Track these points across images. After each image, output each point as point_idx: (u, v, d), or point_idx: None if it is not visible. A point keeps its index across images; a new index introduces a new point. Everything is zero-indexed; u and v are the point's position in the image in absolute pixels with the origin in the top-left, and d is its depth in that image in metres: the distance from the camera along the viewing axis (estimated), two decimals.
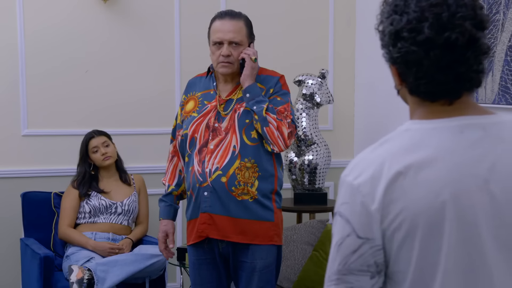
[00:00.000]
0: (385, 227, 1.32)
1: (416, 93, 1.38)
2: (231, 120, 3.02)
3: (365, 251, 1.33)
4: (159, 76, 4.62)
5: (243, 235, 3.00)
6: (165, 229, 3.20)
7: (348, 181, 1.36)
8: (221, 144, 3.00)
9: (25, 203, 4.21)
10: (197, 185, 3.00)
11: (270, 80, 3.09)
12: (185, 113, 3.13)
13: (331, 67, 4.87)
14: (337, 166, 4.91)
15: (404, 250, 1.32)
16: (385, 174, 1.32)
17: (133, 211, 4.20)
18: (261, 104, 2.98)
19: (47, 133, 4.45)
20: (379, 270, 1.34)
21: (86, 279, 3.71)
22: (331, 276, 1.37)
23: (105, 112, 4.52)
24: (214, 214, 2.99)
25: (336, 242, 1.36)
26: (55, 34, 4.42)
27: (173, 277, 4.61)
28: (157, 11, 4.59)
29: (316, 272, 3.66)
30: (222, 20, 3.04)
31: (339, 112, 4.93)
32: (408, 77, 1.37)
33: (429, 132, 1.35)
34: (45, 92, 4.42)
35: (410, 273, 1.33)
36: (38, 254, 3.83)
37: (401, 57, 1.35)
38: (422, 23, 1.31)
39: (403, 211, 1.31)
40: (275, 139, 2.98)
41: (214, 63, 3.07)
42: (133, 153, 4.52)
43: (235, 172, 2.97)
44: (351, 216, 1.34)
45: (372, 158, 1.36)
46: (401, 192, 1.31)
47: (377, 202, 1.31)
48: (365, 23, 4.81)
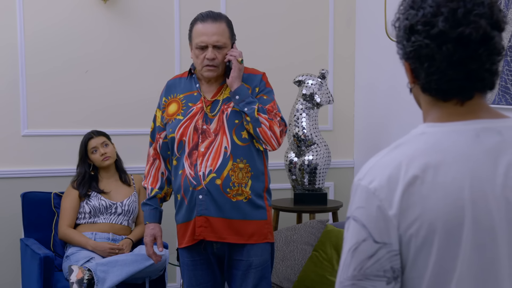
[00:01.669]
0: (402, 233, 1.30)
1: (428, 90, 1.37)
2: (219, 121, 3.01)
3: (382, 256, 1.31)
4: (159, 76, 4.61)
5: (239, 235, 3.01)
6: (153, 232, 3.18)
7: (363, 185, 1.34)
8: (211, 146, 2.99)
9: (25, 203, 4.21)
10: (191, 188, 2.99)
11: (253, 78, 3.08)
12: (168, 116, 3.10)
13: (331, 67, 4.87)
14: (337, 166, 4.92)
15: (421, 256, 1.30)
16: (402, 178, 1.30)
17: (133, 212, 4.20)
18: (252, 105, 2.97)
19: (47, 133, 4.45)
20: (396, 275, 1.32)
21: (86, 279, 3.71)
22: (344, 282, 1.33)
23: (105, 112, 4.52)
24: (210, 217, 2.98)
25: (351, 247, 1.33)
26: (55, 34, 4.42)
27: (173, 277, 4.61)
28: (157, 11, 4.59)
29: (316, 272, 3.66)
30: (205, 23, 3.00)
31: (339, 112, 4.93)
32: (420, 73, 1.36)
33: (444, 136, 1.34)
34: (45, 92, 4.42)
35: (426, 280, 1.31)
36: (38, 254, 3.82)
37: (414, 51, 1.35)
38: (437, 17, 1.32)
39: (421, 216, 1.29)
40: (268, 139, 2.99)
41: (198, 66, 3.05)
42: (133, 153, 4.52)
43: (229, 174, 2.97)
44: (367, 220, 1.31)
45: (388, 161, 1.34)
46: (418, 197, 1.29)
47: (394, 208, 1.30)
48: (365, 23, 4.81)
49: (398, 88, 4.44)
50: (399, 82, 4.42)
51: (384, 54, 4.56)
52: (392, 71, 4.49)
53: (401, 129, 4.41)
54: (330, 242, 3.73)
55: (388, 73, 4.55)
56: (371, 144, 4.79)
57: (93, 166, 4.18)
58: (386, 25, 4.17)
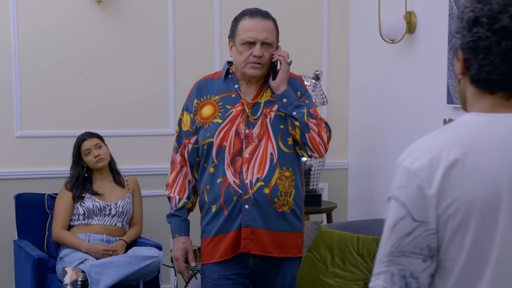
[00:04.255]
0: (440, 213, 1.35)
1: (477, 82, 1.42)
2: (263, 126, 2.80)
3: (419, 234, 1.35)
4: (153, 78, 4.62)
5: (280, 248, 2.83)
6: (185, 246, 2.90)
7: (404, 166, 1.38)
8: (256, 152, 2.78)
9: (19, 205, 4.20)
10: (235, 198, 2.76)
11: (293, 82, 2.88)
12: (202, 119, 2.84)
13: (325, 70, 4.88)
14: (331, 168, 4.93)
15: (457, 237, 1.35)
16: (444, 161, 1.35)
17: (127, 213, 4.20)
18: (300, 109, 2.78)
19: (41, 135, 4.44)
20: (432, 254, 1.36)
21: (80, 281, 3.71)
22: (382, 258, 1.38)
23: (99, 113, 4.52)
24: (256, 228, 2.77)
25: (389, 224, 1.38)
26: (48, 35, 4.41)
27: (167, 278, 4.61)
28: (151, 12, 4.59)
29: (310, 273, 3.66)
30: (254, 19, 2.81)
31: (333, 114, 4.94)
32: (473, 64, 1.41)
33: (487, 125, 1.39)
34: (38, 94, 4.41)
35: (460, 261, 1.35)
36: (32, 256, 3.81)
37: (473, 41, 1.40)
38: (502, 14, 1.38)
39: (459, 198, 1.34)
40: (317, 145, 2.81)
41: (241, 63, 2.80)
42: (127, 154, 4.52)
43: (277, 182, 2.78)
44: (407, 199, 1.36)
45: (430, 145, 1.39)
46: (458, 179, 1.34)
47: (434, 187, 1.34)
48: (359, 27, 4.82)
49: (392, 90, 4.45)
50: (393, 84, 4.45)
51: (377, 56, 4.57)
52: (386, 73, 4.50)
53: (394, 130, 4.42)
54: (324, 244, 3.73)
55: (381, 75, 4.56)
56: (365, 145, 4.80)
57: (87, 167, 4.18)
58: (380, 28, 4.18)
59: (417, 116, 4.15)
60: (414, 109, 4.18)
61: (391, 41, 4.20)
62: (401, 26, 4.10)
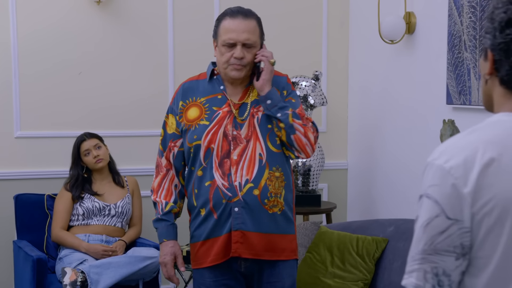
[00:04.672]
0: (475, 211, 1.34)
1: (507, 83, 1.42)
2: (251, 126, 2.75)
3: (453, 232, 1.35)
4: (153, 78, 4.62)
5: (272, 251, 2.78)
6: (173, 250, 2.84)
7: (437, 164, 1.38)
8: (244, 153, 2.73)
9: (18, 205, 4.20)
10: (224, 201, 2.71)
11: (279, 80, 2.83)
12: (188, 121, 2.80)
13: (325, 70, 4.88)
14: (331, 168, 4.93)
15: (491, 235, 1.34)
16: (479, 159, 1.35)
17: (127, 213, 4.20)
18: (285, 110, 2.73)
19: (40, 135, 4.44)
20: (465, 252, 1.36)
21: (79, 281, 3.70)
22: (415, 256, 1.38)
23: (99, 114, 4.52)
24: (247, 231, 2.73)
25: (423, 223, 1.38)
26: (48, 35, 4.41)
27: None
28: (151, 13, 4.59)
29: (309, 274, 3.66)
30: (234, 19, 2.72)
31: (333, 114, 4.94)
32: (504, 66, 1.41)
33: None
34: (38, 94, 4.41)
35: (494, 260, 1.35)
36: (31, 257, 3.81)
37: (504, 43, 1.40)
38: None
39: (496, 196, 1.34)
40: (303, 146, 2.76)
41: (223, 64, 2.76)
42: (126, 155, 4.52)
43: (267, 183, 2.73)
44: (441, 197, 1.36)
45: (464, 143, 1.38)
46: (495, 178, 1.34)
47: (470, 186, 1.34)
48: (358, 28, 4.82)
49: (391, 90, 4.45)
50: (392, 85, 4.45)
51: (377, 57, 4.57)
52: (385, 74, 4.50)
53: (394, 131, 4.43)
54: (324, 244, 3.73)
55: (381, 76, 4.56)
56: (364, 146, 4.80)
57: (86, 168, 4.18)
58: (379, 28, 4.18)
59: (417, 116, 4.15)
60: (414, 110, 4.18)
61: (391, 42, 4.20)
62: (401, 26, 4.10)
